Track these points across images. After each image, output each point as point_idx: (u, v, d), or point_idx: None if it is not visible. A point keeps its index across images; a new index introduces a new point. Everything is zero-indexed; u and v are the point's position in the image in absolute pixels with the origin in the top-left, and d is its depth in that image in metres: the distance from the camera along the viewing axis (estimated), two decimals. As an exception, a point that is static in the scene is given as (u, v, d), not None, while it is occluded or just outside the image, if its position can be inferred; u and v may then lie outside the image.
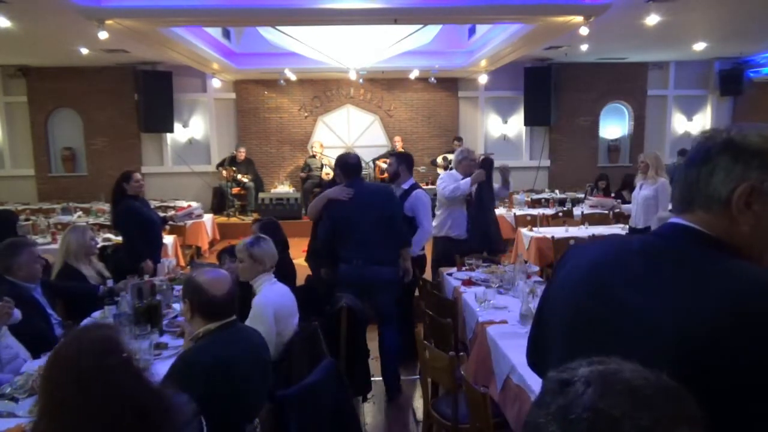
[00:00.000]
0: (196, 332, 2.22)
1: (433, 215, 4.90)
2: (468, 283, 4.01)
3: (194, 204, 8.88)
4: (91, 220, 7.33)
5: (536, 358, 1.29)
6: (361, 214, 3.84)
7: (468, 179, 4.75)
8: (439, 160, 10.32)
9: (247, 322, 2.84)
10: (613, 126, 11.57)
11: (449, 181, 4.83)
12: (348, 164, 4.04)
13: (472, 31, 9.47)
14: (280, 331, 2.88)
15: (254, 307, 2.86)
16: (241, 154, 10.17)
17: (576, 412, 0.66)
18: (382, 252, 3.87)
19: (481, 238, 4.80)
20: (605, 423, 0.64)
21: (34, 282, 3.36)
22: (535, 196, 9.39)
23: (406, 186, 4.48)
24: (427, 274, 4.84)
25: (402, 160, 4.61)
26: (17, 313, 2.79)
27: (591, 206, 7.38)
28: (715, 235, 1.00)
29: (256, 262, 2.96)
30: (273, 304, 2.87)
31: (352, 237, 3.85)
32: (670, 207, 6.45)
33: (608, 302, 1.02)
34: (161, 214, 5.73)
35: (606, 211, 7.04)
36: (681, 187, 1.07)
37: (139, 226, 4.69)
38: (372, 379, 3.92)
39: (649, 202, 5.15)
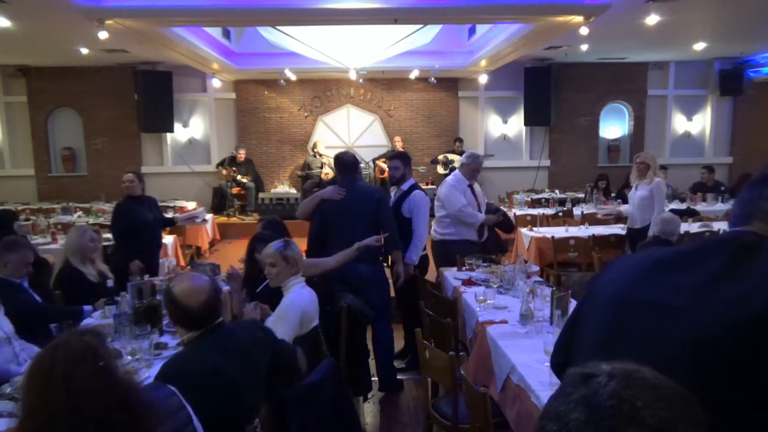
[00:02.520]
0: (181, 339, 2.19)
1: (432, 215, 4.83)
2: (468, 283, 4.01)
3: (200, 208, 8.85)
4: (91, 220, 7.33)
5: (564, 358, 1.34)
6: (349, 214, 3.92)
7: (482, 217, 4.78)
8: (440, 159, 10.32)
9: (271, 319, 2.86)
10: (613, 126, 11.57)
11: (457, 192, 4.74)
12: (343, 161, 4.12)
13: (472, 31, 9.47)
14: (304, 333, 2.89)
15: (283, 306, 2.85)
16: (242, 155, 10.16)
17: (600, 399, 0.68)
18: (367, 250, 3.89)
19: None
20: (629, 410, 0.67)
21: (21, 279, 3.45)
22: (535, 196, 9.39)
23: (405, 187, 4.43)
24: (431, 275, 4.81)
25: (406, 162, 4.54)
26: None
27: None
28: None
29: (289, 264, 2.94)
30: (301, 307, 2.86)
31: (340, 235, 3.92)
32: (668, 207, 6.44)
33: (664, 287, 1.13)
34: (169, 215, 5.70)
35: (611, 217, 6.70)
36: (742, 203, 1.20)
37: (125, 226, 4.72)
38: (372, 379, 3.93)
39: (645, 202, 5.17)
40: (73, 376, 1.33)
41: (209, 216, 8.65)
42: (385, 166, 10.07)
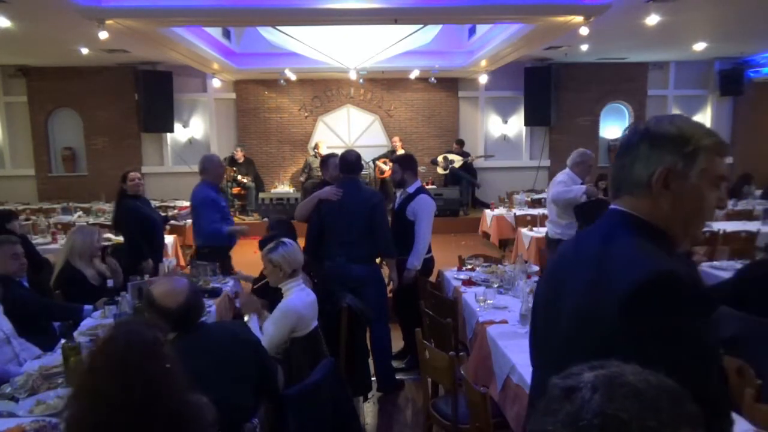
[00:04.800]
0: None
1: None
2: (468, 283, 4.01)
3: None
4: (91, 220, 7.32)
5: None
6: (345, 215, 3.91)
7: (582, 187, 4.64)
8: (440, 159, 10.32)
9: (267, 321, 2.85)
10: (613, 126, 11.57)
11: (566, 184, 4.72)
12: (345, 160, 4.10)
13: (472, 31, 9.47)
14: (303, 336, 2.88)
15: (279, 309, 2.85)
16: (240, 154, 10.16)
17: (586, 418, 0.67)
18: (363, 251, 3.94)
19: None
20: (615, 427, 0.66)
21: (17, 277, 3.46)
22: (535, 196, 9.38)
23: (411, 190, 4.33)
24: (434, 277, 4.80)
25: (404, 166, 4.44)
26: None
27: None
28: (641, 216, 1.14)
29: (275, 267, 2.93)
30: (297, 312, 2.86)
31: (335, 236, 3.94)
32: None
33: (555, 285, 1.21)
34: (162, 214, 5.72)
35: None
36: (612, 176, 1.21)
37: (139, 226, 4.70)
38: (372, 378, 3.93)
39: None
40: (148, 369, 1.34)
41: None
42: (384, 167, 10.09)
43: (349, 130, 11.19)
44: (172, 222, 5.91)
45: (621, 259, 1.07)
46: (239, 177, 9.97)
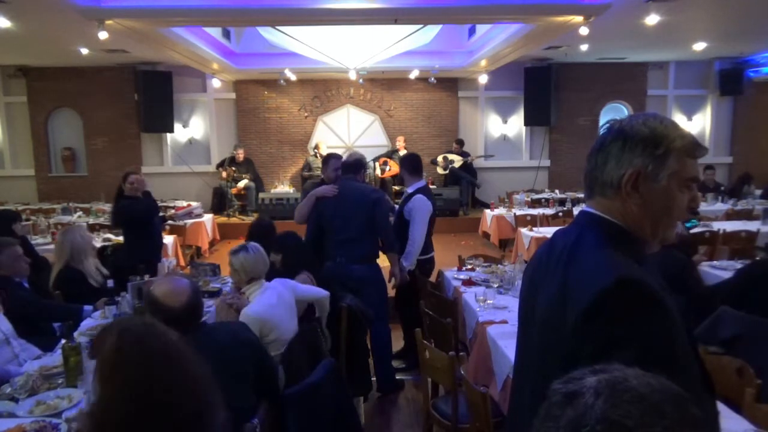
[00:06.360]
0: None
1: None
2: (468, 283, 4.01)
3: (194, 203, 8.87)
4: (91, 220, 7.33)
5: None
6: (342, 213, 3.92)
7: None
8: (440, 159, 10.33)
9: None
10: (613, 126, 11.55)
11: None
12: (345, 162, 4.19)
13: (472, 31, 9.47)
14: (278, 337, 2.84)
15: (242, 318, 2.79)
16: (240, 154, 10.17)
17: (589, 423, 0.65)
18: (363, 251, 3.93)
19: None
20: None
21: (21, 278, 3.49)
22: (535, 196, 9.39)
23: (410, 190, 4.35)
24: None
25: (402, 164, 4.52)
26: None
27: None
28: (612, 218, 1.13)
29: (236, 271, 2.93)
30: (258, 318, 2.77)
31: (336, 235, 3.94)
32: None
33: (533, 289, 1.22)
34: (161, 214, 5.72)
35: None
36: (585, 176, 1.20)
37: (133, 226, 4.70)
38: (372, 378, 3.93)
39: None
40: (129, 368, 1.33)
41: (209, 216, 8.66)
42: (383, 167, 10.11)
43: (349, 130, 11.19)
44: (170, 222, 5.91)
45: (585, 266, 1.07)
46: (239, 176, 9.99)
